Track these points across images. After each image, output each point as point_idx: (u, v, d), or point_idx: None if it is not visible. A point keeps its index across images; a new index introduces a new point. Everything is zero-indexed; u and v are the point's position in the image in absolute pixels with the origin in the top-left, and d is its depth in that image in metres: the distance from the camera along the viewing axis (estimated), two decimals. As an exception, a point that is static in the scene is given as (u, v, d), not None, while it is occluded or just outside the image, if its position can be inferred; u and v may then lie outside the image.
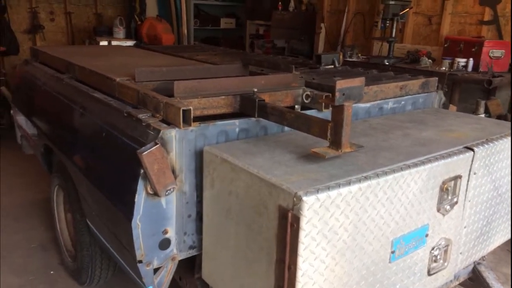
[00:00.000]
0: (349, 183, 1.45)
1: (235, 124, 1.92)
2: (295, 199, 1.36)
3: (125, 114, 1.96)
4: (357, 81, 1.52)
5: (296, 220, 1.37)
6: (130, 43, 6.56)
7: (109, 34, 7.18)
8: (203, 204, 1.85)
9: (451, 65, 4.63)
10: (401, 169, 1.61)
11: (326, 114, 2.14)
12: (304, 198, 1.34)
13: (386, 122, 2.21)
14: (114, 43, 6.47)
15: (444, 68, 4.59)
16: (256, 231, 1.56)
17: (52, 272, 3.13)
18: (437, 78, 2.69)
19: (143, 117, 1.87)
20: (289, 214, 1.39)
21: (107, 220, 2.12)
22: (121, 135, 1.93)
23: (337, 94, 1.47)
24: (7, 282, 2.99)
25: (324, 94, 2.09)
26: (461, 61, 4.57)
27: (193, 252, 1.98)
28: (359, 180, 1.48)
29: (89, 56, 3.40)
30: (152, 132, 1.76)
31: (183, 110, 1.69)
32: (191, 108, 1.71)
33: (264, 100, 1.93)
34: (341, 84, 1.47)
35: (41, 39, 7.49)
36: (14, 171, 4.91)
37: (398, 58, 5.08)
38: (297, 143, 1.83)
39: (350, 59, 5.13)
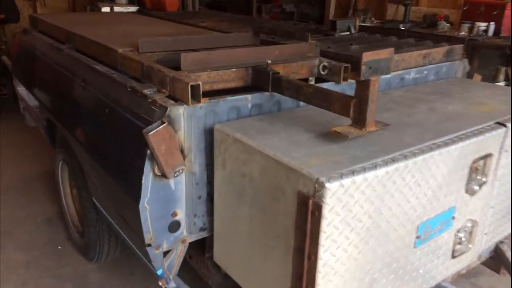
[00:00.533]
0: (375, 167, 1.32)
1: (248, 99, 1.78)
2: (316, 185, 1.24)
3: (129, 89, 1.82)
4: (385, 53, 1.36)
5: (318, 208, 1.25)
6: (133, 8, 6.31)
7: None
8: (214, 185, 1.74)
9: (471, 29, 4.39)
10: (431, 149, 1.47)
11: (343, 87, 2.00)
12: (327, 185, 1.22)
13: (408, 95, 2.06)
14: (116, 9, 6.22)
15: (463, 32, 4.35)
16: (272, 217, 1.45)
17: (59, 247, 3.08)
18: (462, 45, 2.51)
19: (148, 92, 1.73)
20: (310, 201, 1.27)
21: (113, 200, 2.02)
22: (125, 111, 1.79)
23: (363, 67, 1.32)
24: (14, 258, 2.94)
25: (343, 65, 1.93)
26: (482, 25, 4.33)
27: (204, 234, 1.89)
28: (385, 163, 1.35)
29: (91, 24, 3.23)
30: (158, 110, 1.63)
31: (191, 85, 1.55)
32: (200, 83, 1.57)
33: (278, 73, 1.78)
34: (368, 56, 1.32)
35: (42, 5, 7.26)
36: (18, 143, 4.82)
37: (414, 22, 4.84)
38: (314, 120, 1.69)
39: (364, 24, 4.89)
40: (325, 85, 1.98)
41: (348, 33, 2.93)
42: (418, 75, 2.33)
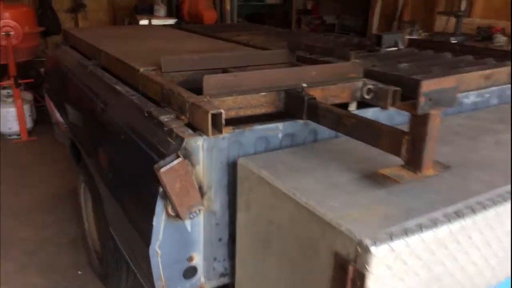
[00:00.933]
0: (435, 224, 1.04)
1: (278, 129, 1.54)
2: (359, 248, 0.97)
3: (146, 114, 1.63)
4: (449, 81, 1.09)
5: (360, 277, 0.99)
6: (171, 21, 6.25)
7: (150, 12, 6.90)
8: (237, 227, 1.50)
9: (532, 43, 3.99)
10: (504, 199, 1.17)
11: (391, 113, 1.73)
12: (373, 249, 0.95)
13: (469, 123, 1.75)
14: (154, 21, 6.18)
15: (523, 47, 3.95)
16: (303, 276, 1.20)
17: (80, 272, 2.92)
18: (530, 65, 2.16)
19: (165, 119, 1.53)
20: (350, 267, 1.01)
21: (126, 237, 1.83)
22: (139, 139, 1.60)
23: (421, 99, 1.05)
24: (33, 283, 2.82)
25: (391, 89, 1.65)
26: (544, 38, 3.92)
27: (224, 280, 1.65)
28: (448, 219, 1.06)
29: (121, 38, 3.11)
30: (173, 142, 1.41)
31: (212, 114, 1.33)
32: (222, 111, 1.34)
33: (314, 98, 1.53)
34: (428, 85, 1.05)
35: (83, 18, 7.34)
36: (51, 156, 4.78)
37: (466, 35, 4.47)
38: (357, 155, 1.42)
39: (410, 37, 4.57)
40: (370, 111, 1.72)
41: (395, 48, 2.64)
42: (479, 98, 2.01)
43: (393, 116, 1.77)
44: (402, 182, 1.15)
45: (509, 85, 2.11)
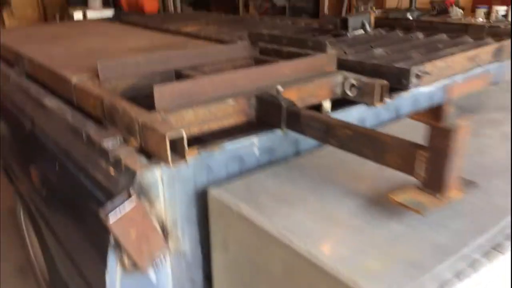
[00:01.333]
0: (472, 265, 0.81)
1: (254, 144, 1.26)
2: (391, 320, 0.72)
3: (84, 139, 1.29)
4: (479, 81, 0.85)
5: None
6: (108, 12, 5.76)
7: (85, 4, 6.34)
8: (213, 269, 1.22)
9: (488, 15, 3.91)
10: (541, 217, 0.96)
11: (378, 110, 1.50)
12: (412, 322, 0.71)
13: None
14: (89, 13, 5.67)
15: (480, 19, 3.86)
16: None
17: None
18: (510, 42, 1.99)
19: (109, 145, 1.20)
20: None
21: (77, 285, 1.50)
22: (79, 172, 1.27)
23: (448, 108, 0.81)
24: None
25: (378, 82, 1.41)
26: (500, 9, 3.85)
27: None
28: (485, 255, 0.83)
29: (51, 39, 2.69)
30: (122, 176, 1.10)
31: (171, 139, 1.03)
32: (184, 134, 1.04)
33: (294, 104, 1.26)
34: (457, 89, 0.81)
35: (9, 16, 6.65)
36: None
37: (422, 10, 4.33)
38: (352, 171, 1.17)
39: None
40: (354, 111, 1.48)
41: (362, 32, 2.41)
42: (464, 83, 1.82)
43: (379, 113, 1.54)
44: (424, 214, 0.91)
45: (491, 66, 1.93)
